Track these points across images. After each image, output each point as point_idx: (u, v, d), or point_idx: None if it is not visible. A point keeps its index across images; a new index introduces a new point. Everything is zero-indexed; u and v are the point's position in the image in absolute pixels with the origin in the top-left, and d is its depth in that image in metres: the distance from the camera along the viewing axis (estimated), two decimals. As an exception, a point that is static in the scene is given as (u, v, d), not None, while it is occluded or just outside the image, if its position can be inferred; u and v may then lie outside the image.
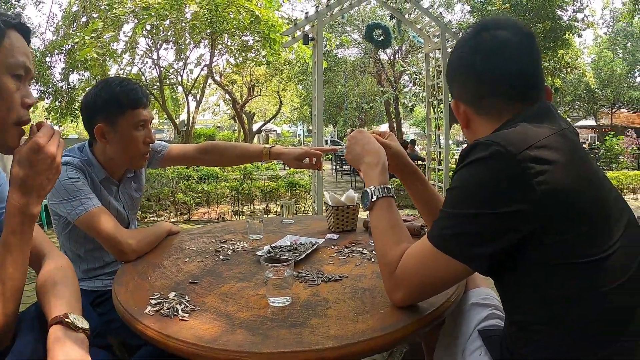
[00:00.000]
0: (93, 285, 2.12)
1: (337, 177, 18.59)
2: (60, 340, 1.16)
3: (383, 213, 1.42)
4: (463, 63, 1.36)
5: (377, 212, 1.43)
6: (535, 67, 1.31)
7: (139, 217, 8.18)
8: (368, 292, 1.49)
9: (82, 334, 1.21)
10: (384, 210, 1.42)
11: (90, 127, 2.03)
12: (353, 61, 27.22)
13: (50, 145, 1.21)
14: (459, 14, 28.05)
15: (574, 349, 1.10)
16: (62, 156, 1.97)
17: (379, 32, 11.05)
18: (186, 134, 15.93)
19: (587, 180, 1.14)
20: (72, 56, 13.88)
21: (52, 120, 16.60)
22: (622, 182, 12.02)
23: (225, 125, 38.49)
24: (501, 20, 1.32)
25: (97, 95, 2.00)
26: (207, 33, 11.98)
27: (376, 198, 1.44)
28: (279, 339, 1.18)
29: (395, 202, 1.46)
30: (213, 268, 1.78)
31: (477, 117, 1.36)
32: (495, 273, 1.21)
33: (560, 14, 15.50)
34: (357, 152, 1.60)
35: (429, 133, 9.69)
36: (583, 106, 33.44)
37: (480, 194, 1.11)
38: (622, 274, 1.11)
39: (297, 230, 2.40)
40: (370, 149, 1.57)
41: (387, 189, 1.45)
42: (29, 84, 1.28)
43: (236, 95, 22.53)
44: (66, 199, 1.90)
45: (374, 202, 1.44)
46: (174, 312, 1.35)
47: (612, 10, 34.24)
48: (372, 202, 1.44)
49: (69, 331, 1.19)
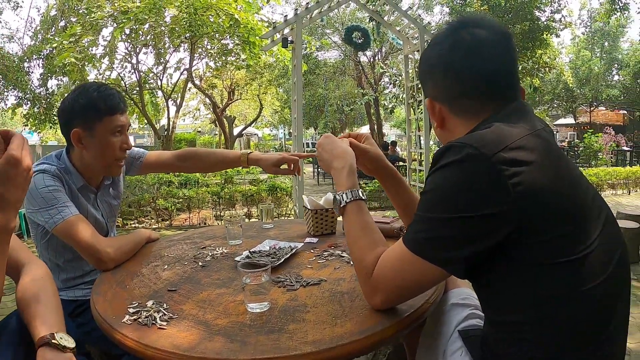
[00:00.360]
0: (72, 295, 2.09)
1: (318, 179, 18.63)
2: None
3: (354, 217, 1.42)
4: (441, 61, 1.33)
5: (348, 217, 1.43)
6: (513, 67, 1.30)
7: (119, 223, 8.13)
8: (347, 296, 1.49)
9: (70, 353, 1.21)
10: (354, 214, 1.42)
11: (67, 132, 2.01)
12: (333, 64, 27.17)
13: (25, 157, 1.17)
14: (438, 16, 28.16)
15: (557, 348, 1.11)
16: (39, 164, 1.96)
17: (358, 34, 11.05)
18: (166, 138, 15.83)
19: (563, 179, 1.14)
20: (50, 61, 13.78)
21: (30, 127, 16.43)
22: (601, 178, 12.15)
23: (206, 129, 38.32)
24: (479, 19, 1.31)
25: (75, 101, 1.98)
26: (186, 37, 11.96)
27: (345, 203, 1.44)
28: (257, 346, 1.18)
29: (366, 204, 1.45)
30: (192, 275, 1.77)
31: (453, 117, 1.34)
32: (473, 275, 1.21)
33: (538, 15, 15.61)
34: (325, 157, 1.59)
35: (409, 134, 9.75)
36: (562, 105, 33.79)
37: (454, 198, 1.11)
38: (602, 272, 1.12)
39: (277, 234, 2.39)
40: (337, 153, 1.56)
41: (356, 192, 1.44)
42: None
43: (216, 99, 22.48)
44: (43, 208, 1.88)
45: (344, 207, 1.44)
46: (152, 320, 1.34)
47: (590, 10, 34.61)
48: (342, 207, 1.44)
49: (57, 352, 1.20)
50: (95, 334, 1.74)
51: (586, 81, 31.15)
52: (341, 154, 1.55)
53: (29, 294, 1.37)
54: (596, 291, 1.10)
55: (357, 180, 1.49)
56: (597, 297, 1.11)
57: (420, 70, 1.46)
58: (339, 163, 1.53)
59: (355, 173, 1.51)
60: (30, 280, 1.43)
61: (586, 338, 1.11)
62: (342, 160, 1.53)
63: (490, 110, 1.27)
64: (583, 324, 1.11)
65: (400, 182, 1.76)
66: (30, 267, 1.49)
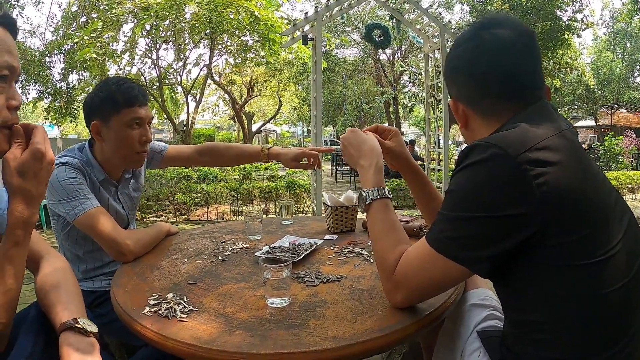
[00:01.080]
0: (92, 286, 2.12)
1: (336, 177, 18.58)
2: (73, 346, 1.16)
3: (379, 215, 1.41)
4: (463, 62, 1.33)
5: (373, 215, 1.42)
6: (536, 66, 1.29)
7: (138, 217, 8.18)
8: (367, 293, 1.48)
9: (93, 338, 1.21)
10: (379, 212, 1.41)
11: (88, 125, 2.06)
12: (352, 61, 27.18)
13: (49, 151, 1.18)
14: (458, 14, 28.05)
15: (577, 349, 1.10)
16: (61, 156, 1.99)
17: (378, 32, 11.05)
18: (185, 134, 15.93)
19: (587, 181, 1.13)
20: (71, 56, 13.88)
21: (51, 120, 16.61)
22: (621, 182, 12.00)
23: (225, 125, 38.50)
24: (501, 19, 1.30)
25: (95, 94, 2.05)
26: (206, 33, 11.99)
27: (371, 200, 1.43)
28: (277, 340, 1.18)
29: (391, 202, 1.45)
30: (211, 269, 1.77)
31: (476, 117, 1.34)
32: (496, 275, 1.20)
33: (559, 14, 15.45)
34: (352, 153, 1.60)
35: (428, 133, 9.69)
36: (582, 106, 33.42)
37: (479, 197, 1.11)
38: (625, 275, 1.11)
39: (296, 230, 2.40)
40: (364, 149, 1.56)
41: (382, 190, 1.44)
42: (15, 83, 1.19)
43: (235, 96, 22.56)
44: (65, 199, 1.91)
45: (370, 205, 1.43)
46: (172, 312, 1.35)
47: (612, 10, 34.24)
48: (367, 204, 1.44)
49: (80, 336, 1.20)
50: (114, 325, 1.75)
51: (607, 83, 30.75)
52: (368, 151, 1.55)
53: (49, 282, 1.38)
54: (617, 294, 1.09)
55: (383, 178, 1.49)
56: (618, 300, 1.10)
57: (443, 71, 1.46)
58: (365, 160, 1.53)
59: (382, 171, 1.51)
60: (50, 270, 1.44)
61: (606, 341, 1.10)
62: (369, 158, 1.53)
63: (514, 110, 1.26)
64: (603, 326, 1.10)
65: (423, 180, 1.77)
66: (49, 258, 1.50)
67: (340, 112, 29.63)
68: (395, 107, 24.26)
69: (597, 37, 33.31)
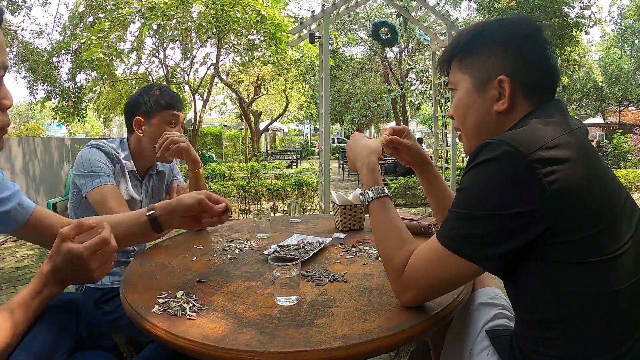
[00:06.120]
0: (99, 283, 2.12)
1: (343, 175, 18.60)
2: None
3: (378, 215, 1.41)
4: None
5: (373, 214, 1.42)
6: (556, 63, 1.31)
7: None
8: (375, 292, 1.48)
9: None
10: (378, 213, 1.41)
11: (130, 119, 2.36)
12: (359, 59, 27.18)
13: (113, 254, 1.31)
14: (465, 12, 27.99)
15: (587, 348, 1.10)
16: (97, 143, 2.20)
17: (385, 30, 11.00)
18: (193, 132, 15.96)
19: (598, 180, 1.13)
20: (78, 56, 13.93)
21: (59, 119, 16.67)
22: (630, 180, 11.97)
23: (232, 124, 38.46)
24: (515, 17, 1.33)
25: (140, 96, 2.35)
26: (213, 32, 12.00)
27: (368, 202, 1.43)
28: (286, 339, 1.18)
29: (390, 201, 1.44)
30: (220, 267, 1.78)
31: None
32: (506, 272, 1.20)
33: (567, 11, 15.34)
34: (350, 157, 1.62)
35: (435, 131, 9.66)
36: (591, 104, 33.30)
37: (490, 195, 1.10)
38: (634, 273, 1.11)
39: (304, 229, 2.40)
40: (357, 152, 1.57)
41: (378, 190, 1.43)
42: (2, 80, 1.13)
43: (243, 94, 22.58)
44: (86, 172, 2.12)
45: (368, 205, 1.43)
46: (182, 311, 1.35)
47: (620, 7, 34.02)
48: (366, 205, 1.44)
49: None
50: (121, 321, 1.77)
51: (616, 80, 30.60)
52: (361, 151, 1.55)
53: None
54: (627, 292, 1.09)
55: (379, 176, 1.48)
56: (627, 298, 1.10)
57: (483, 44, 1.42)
58: (360, 162, 1.54)
59: (376, 169, 1.50)
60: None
61: (615, 339, 1.10)
62: (361, 159, 1.53)
63: (531, 106, 1.27)
64: (612, 324, 1.10)
65: (436, 177, 1.79)
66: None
67: (348, 110, 29.60)
68: (403, 105, 24.23)
69: (605, 34, 33.11)
